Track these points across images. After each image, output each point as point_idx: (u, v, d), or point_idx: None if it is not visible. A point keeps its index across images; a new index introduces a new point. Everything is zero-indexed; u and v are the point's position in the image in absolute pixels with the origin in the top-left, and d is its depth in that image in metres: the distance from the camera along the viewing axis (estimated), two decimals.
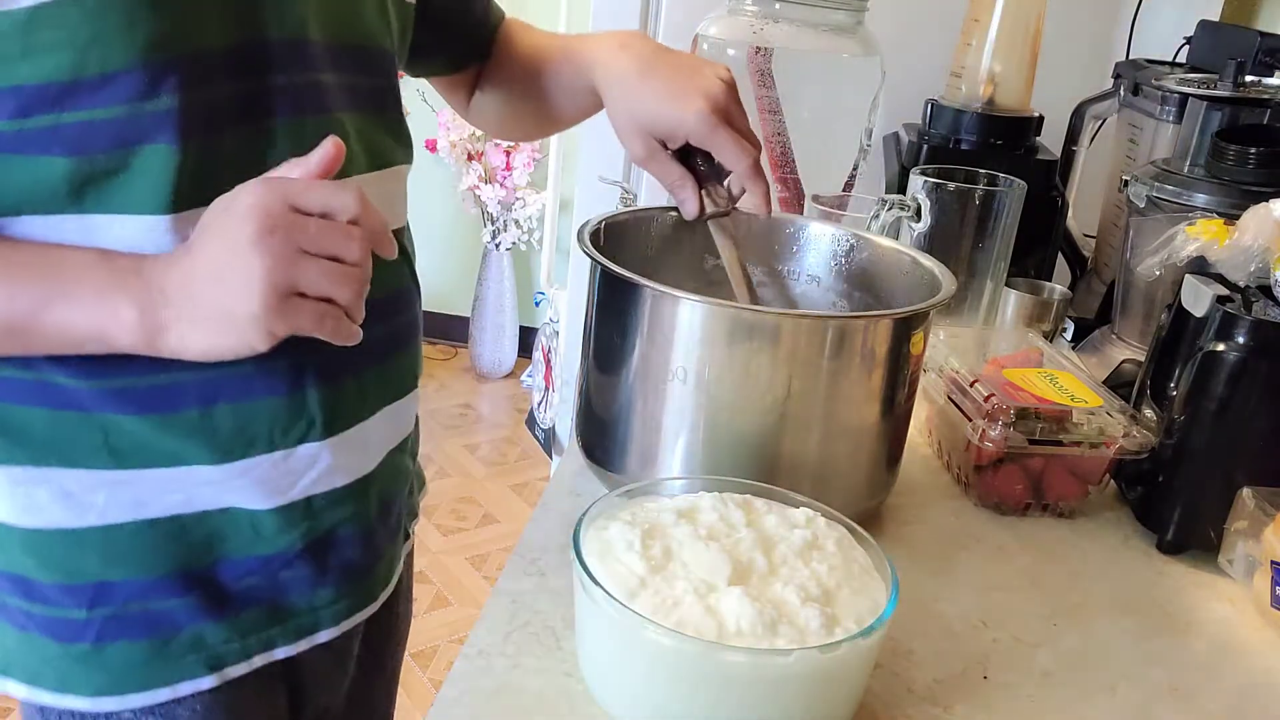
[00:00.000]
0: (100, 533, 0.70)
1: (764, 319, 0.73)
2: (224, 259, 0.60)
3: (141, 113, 0.62)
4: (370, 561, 0.81)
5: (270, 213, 0.60)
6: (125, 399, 0.67)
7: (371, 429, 0.78)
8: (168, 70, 0.62)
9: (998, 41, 1.27)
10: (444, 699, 0.61)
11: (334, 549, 0.78)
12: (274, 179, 0.62)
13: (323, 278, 0.61)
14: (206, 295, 0.61)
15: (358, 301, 0.63)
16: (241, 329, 0.61)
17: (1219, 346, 0.80)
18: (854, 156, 1.29)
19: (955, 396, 0.89)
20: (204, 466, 0.70)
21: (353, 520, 0.78)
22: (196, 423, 0.69)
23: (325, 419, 0.73)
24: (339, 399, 0.74)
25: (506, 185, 3.38)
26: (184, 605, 0.73)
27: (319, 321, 0.62)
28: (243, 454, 0.71)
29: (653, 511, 0.65)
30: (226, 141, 0.66)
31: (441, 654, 2.29)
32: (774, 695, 0.56)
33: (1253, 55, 1.15)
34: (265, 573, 0.75)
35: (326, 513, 0.76)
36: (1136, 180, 1.09)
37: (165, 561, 0.72)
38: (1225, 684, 0.70)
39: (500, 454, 3.20)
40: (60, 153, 0.62)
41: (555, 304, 2.24)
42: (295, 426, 0.72)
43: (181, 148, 0.63)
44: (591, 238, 0.81)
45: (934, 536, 0.83)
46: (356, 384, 0.75)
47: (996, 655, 0.70)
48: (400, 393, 0.82)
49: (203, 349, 0.63)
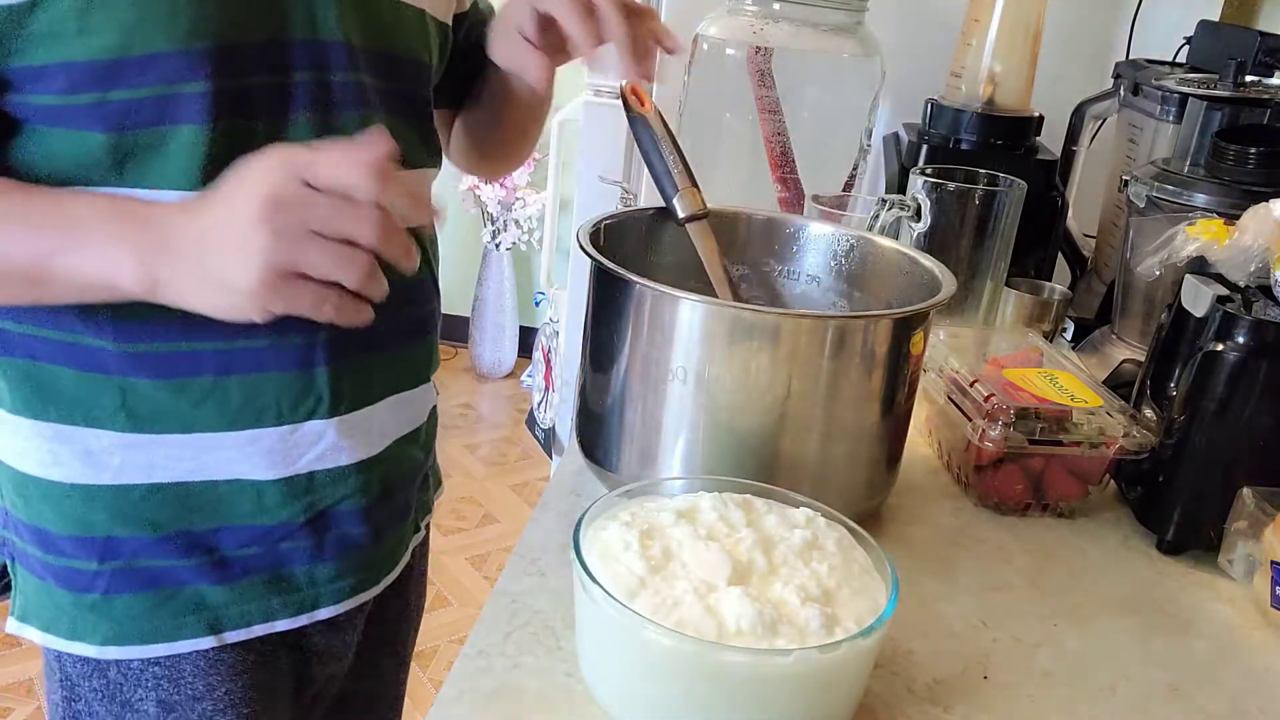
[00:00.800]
0: (112, 491, 0.74)
1: (764, 319, 0.73)
2: (226, 229, 0.60)
3: (178, 94, 0.65)
4: (370, 543, 0.83)
5: (278, 188, 0.59)
6: (146, 363, 0.71)
7: (379, 414, 0.80)
8: (204, 57, 0.65)
9: (998, 41, 1.27)
10: (444, 699, 0.61)
11: (334, 526, 0.80)
12: (289, 151, 0.61)
13: (327, 260, 0.60)
14: (205, 261, 0.62)
15: (368, 283, 0.62)
16: (236, 299, 0.62)
17: (1219, 346, 0.80)
18: (854, 156, 1.29)
19: (955, 396, 0.89)
20: (214, 433, 0.73)
21: (353, 499, 0.80)
22: (210, 390, 0.72)
23: (332, 398, 0.76)
24: (347, 380, 0.76)
25: (506, 185, 3.38)
26: (187, 566, 0.76)
27: (317, 305, 0.62)
28: (251, 424, 0.74)
29: (652, 512, 0.65)
30: (253, 126, 0.68)
31: (441, 654, 2.29)
32: (774, 695, 0.56)
33: (1253, 55, 1.15)
34: (266, 543, 0.78)
35: (328, 489, 0.78)
36: (1136, 180, 1.09)
37: (171, 523, 0.75)
38: (1225, 684, 0.70)
39: (500, 454, 3.20)
40: (102, 129, 0.65)
41: (555, 304, 2.24)
42: (304, 403, 0.75)
43: (210, 129, 0.66)
44: (591, 238, 0.81)
45: (934, 536, 0.83)
46: (365, 369, 0.78)
47: (996, 655, 0.70)
48: (411, 384, 0.84)
49: (200, 306, 0.64)
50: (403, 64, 0.78)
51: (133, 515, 0.75)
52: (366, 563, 0.84)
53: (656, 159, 0.87)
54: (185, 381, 0.72)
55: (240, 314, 0.63)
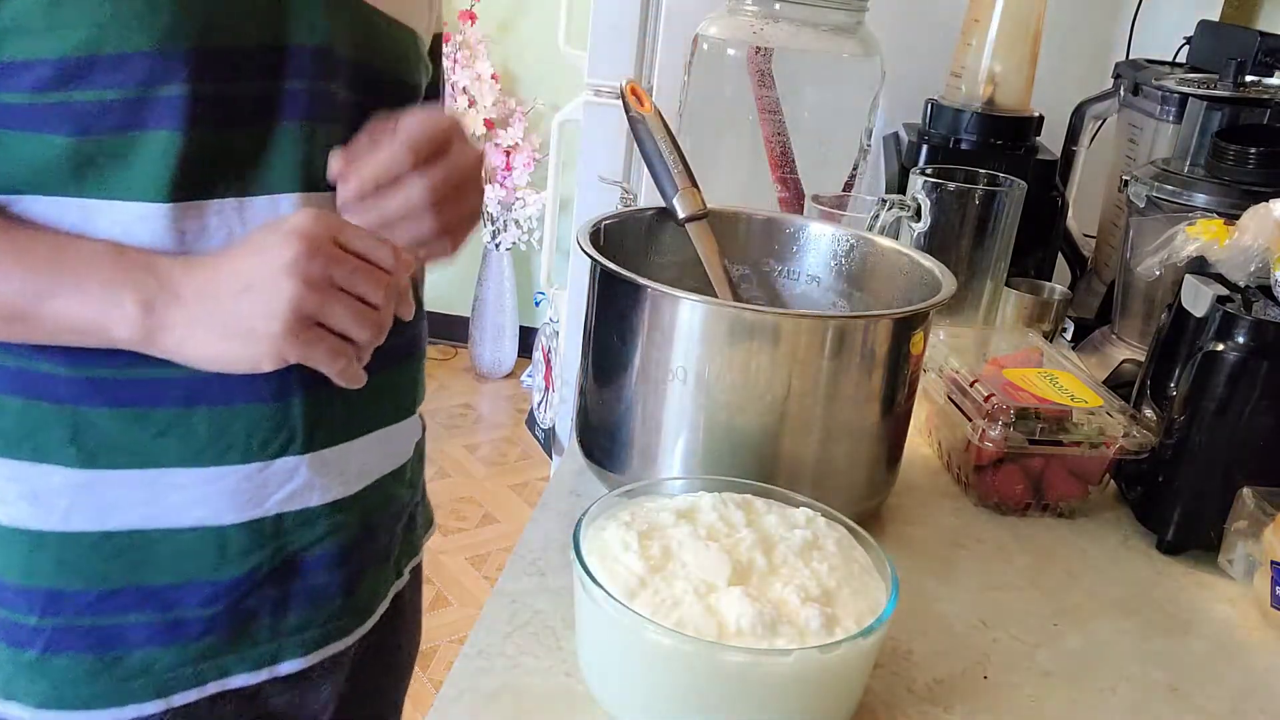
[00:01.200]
0: (59, 538, 0.68)
1: (764, 319, 0.73)
2: (258, 273, 0.61)
3: (151, 97, 0.61)
4: (342, 591, 0.78)
5: (315, 240, 0.61)
6: (103, 390, 0.66)
7: (356, 451, 0.76)
8: (183, 59, 0.61)
9: (998, 41, 1.27)
10: (444, 699, 0.61)
11: (302, 573, 0.75)
12: (324, 213, 0.64)
13: (347, 314, 0.63)
14: (230, 304, 0.62)
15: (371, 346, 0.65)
16: (255, 344, 0.62)
17: (1219, 346, 0.80)
18: (854, 156, 1.29)
19: (955, 396, 0.89)
20: (175, 469, 0.68)
21: (325, 544, 0.75)
22: (172, 422, 0.68)
23: (307, 433, 0.71)
24: (324, 414, 0.72)
25: (506, 185, 3.38)
26: (138, 625, 0.70)
27: (333, 356, 0.64)
28: (216, 460, 0.69)
29: (652, 511, 0.65)
30: (231, 137, 0.65)
31: (441, 654, 2.29)
32: (774, 695, 0.56)
33: (1253, 55, 1.15)
34: (229, 599, 0.72)
35: (297, 533, 0.73)
36: (1136, 180, 1.09)
37: (123, 576, 0.70)
38: (1225, 684, 0.70)
39: (500, 454, 3.20)
40: (67, 131, 0.61)
41: (555, 304, 2.24)
42: (276, 437, 0.70)
43: (185, 136, 0.63)
44: (591, 238, 0.81)
45: (934, 536, 0.83)
46: (344, 401, 0.73)
47: (996, 655, 0.70)
48: (393, 417, 0.80)
49: (201, 355, 0.64)
50: (394, 84, 0.75)
51: (81, 566, 0.69)
52: (337, 612, 0.78)
53: (656, 159, 0.87)
54: (145, 411, 0.67)
55: (250, 363, 0.63)
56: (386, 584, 0.85)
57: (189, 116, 0.62)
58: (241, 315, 0.61)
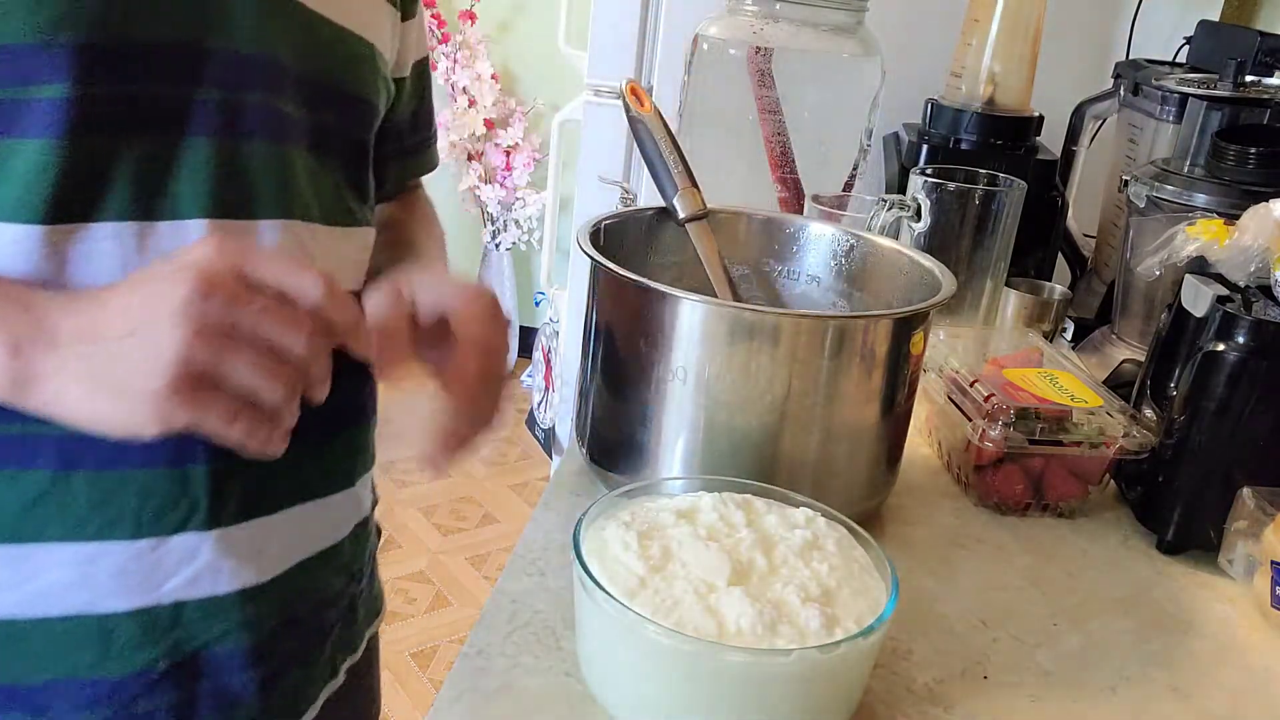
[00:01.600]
0: None
1: (764, 319, 0.73)
2: (141, 315, 0.49)
3: (27, 98, 0.52)
4: (256, 696, 0.67)
5: (212, 276, 0.49)
6: None
7: (274, 528, 0.65)
8: (69, 53, 0.52)
9: (998, 41, 1.27)
10: (444, 699, 0.61)
11: (208, 673, 0.64)
12: (231, 240, 0.51)
13: (250, 370, 0.50)
14: (105, 352, 0.49)
15: (288, 406, 0.51)
16: (133, 405, 0.49)
17: (1219, 346, 0.80)
18: (854, 156, 1.28)
19: (955, 396, 0.89)
20: (49, 544, 0.58)
21: (234, 639, 0.64)
22: (47, 488, 0.57)
23: (211, 505, 0.61)
24: (233, 483, 0.61)
25: (506, 185, 3.38)
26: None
27: (228, 422, 0.50)
28: (99, 535, 0.58)
29: (652, 511, 0.65)
30: (122, 149, 0.55)
31: (441, 654, 2.29)
32: (774, 695, 0.56)
33: (1253, 55, 1.15)
34: (114, 702, 0.61)
35: (200, 625, 0.62)
36: (1136, 180, 1.09)
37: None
38: (1225, 684, 0.70)
39: (500, 454, 3.20)
40: None
41: (555, 304, 2.24)
42: (172, 510, 0.59)
43: (66, 147, 0.53)
44: (591, 238, 0.81)
45: (934, 536, 0.83)
46: (261, 468, 0.61)
47: (996, 655, 0.70)
48: (322, 490, 0.69)
49: (77, 414, 0.51)
50: (343, 98, 0.66)
51: None
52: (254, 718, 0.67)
53: (656, 159, 0.87)
54: (15, 474, 0.56)
55: (130, 426, 0.50)
56: (316, 685, 0.73)
57: (68, 124, 0.53)
58: (117, 367, 0.49)
